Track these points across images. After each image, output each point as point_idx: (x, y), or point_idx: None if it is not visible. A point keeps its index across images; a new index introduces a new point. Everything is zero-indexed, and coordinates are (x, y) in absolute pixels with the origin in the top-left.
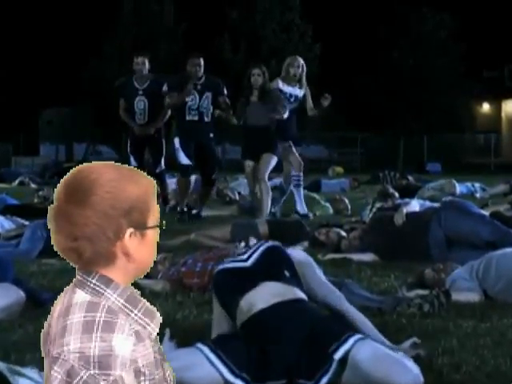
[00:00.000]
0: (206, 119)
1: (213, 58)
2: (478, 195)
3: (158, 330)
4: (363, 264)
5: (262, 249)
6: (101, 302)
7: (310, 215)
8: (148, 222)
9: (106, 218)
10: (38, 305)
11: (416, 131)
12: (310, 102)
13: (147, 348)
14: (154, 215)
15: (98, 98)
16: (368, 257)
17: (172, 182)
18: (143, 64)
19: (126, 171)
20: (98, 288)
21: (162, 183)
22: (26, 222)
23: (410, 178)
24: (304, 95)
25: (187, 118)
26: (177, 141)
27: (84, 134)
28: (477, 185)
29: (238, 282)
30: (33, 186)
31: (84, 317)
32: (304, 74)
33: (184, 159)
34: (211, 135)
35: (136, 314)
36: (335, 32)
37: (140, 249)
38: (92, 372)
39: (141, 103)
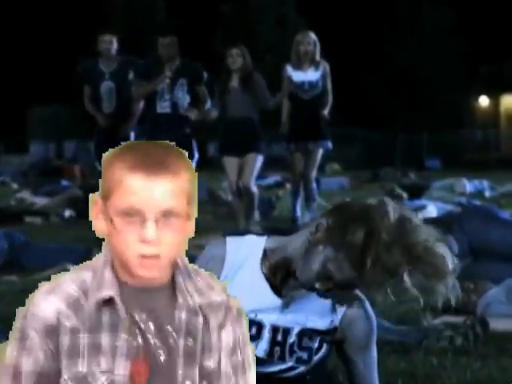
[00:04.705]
0: (181, 111)
1: (207, 54)
2: (487, 194)
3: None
4: None
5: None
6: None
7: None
8: (109, 207)
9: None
10: None
11: (414, 127)
12: (328, 97)
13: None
14: (115, 205)
15: None
16: None
17: None
18: (110, 43)
19: (133, 149)
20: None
21: None
22: None
23: (412, 175)
24: (324, 77)
25: (158, 110)
26: None
27: (75, 132)
28: (485, 183)
29: None
30: (14, 186)
31: None
32: (318, 51)
33: None
34: (187, 131)
35: None
36: (331, 26)
37: (111, 233)
38: None
39: (108, 89)
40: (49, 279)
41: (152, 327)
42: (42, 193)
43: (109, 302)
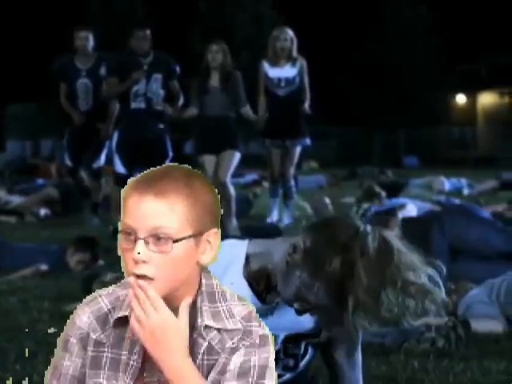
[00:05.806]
0: (155, 107)
1: (184, 51)
2: (465, 192)
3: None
4: None
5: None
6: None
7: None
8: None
9: None
10: None
11: (392, 125)
12: (305, 94)
13: None
14: (122, 219)
15: None
16: None
17: None
18: (87, 39)
19: (142, 174)
20: None
21: (96, 183)
22: None
23: (389, 173)
24: (301, 74)
25: (132, 105)
26: (115, 137)
27: (52, 130)
28: (463, 180)
29: None
30: None
31: None
32: (295, 48)
33: (119, 167)
34: (161, 126)
35: None
36: (308, 23)
37: None
38: None
39: (84, 86)
40: (23, 279)
41: None
42: (17, 191)
43: (128, 321)
